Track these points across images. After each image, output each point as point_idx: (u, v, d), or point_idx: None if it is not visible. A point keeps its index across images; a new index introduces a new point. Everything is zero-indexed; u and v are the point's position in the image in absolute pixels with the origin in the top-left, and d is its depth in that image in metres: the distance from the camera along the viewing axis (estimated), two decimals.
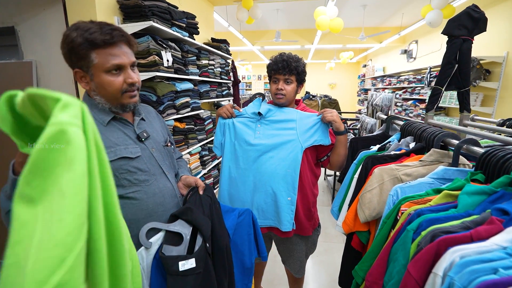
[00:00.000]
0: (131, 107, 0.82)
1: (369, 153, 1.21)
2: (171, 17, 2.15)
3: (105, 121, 0.79)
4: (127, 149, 0.80)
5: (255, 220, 1.03)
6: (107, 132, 0.79)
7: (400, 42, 6.71)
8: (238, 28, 5.68)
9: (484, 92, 3.58)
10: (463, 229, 0.54)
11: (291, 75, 1.23)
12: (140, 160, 0.82)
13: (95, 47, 0.71)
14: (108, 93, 0.76)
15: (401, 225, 0.67)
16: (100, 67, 0.73)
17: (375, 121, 2.58)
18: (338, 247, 2.51)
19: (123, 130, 0.83)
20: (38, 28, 2.03)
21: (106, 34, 0.71)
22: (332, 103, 6.25)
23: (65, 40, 0.71)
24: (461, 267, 0.47)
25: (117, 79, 0.76)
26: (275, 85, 1.26)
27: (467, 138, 0.81)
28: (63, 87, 2.06)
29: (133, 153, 0.81)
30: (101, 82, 0.74)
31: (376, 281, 0.67)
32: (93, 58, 0.72)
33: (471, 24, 1.27)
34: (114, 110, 0.80)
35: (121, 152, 0.78)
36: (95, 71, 0.73)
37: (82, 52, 0.71)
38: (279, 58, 1.24)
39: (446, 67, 1.35)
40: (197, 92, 2.76)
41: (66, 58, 0.74)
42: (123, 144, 0.80)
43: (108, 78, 0.74)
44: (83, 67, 0.73)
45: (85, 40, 0.70)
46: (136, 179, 0.80)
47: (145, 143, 0.86)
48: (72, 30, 0.71)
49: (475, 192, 0.59)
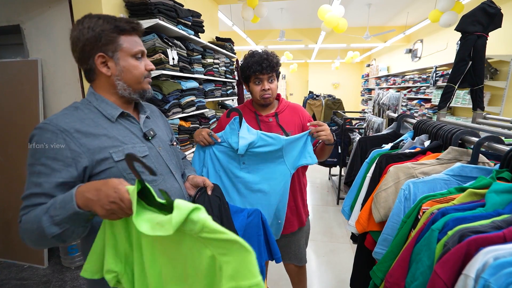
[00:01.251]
0: (149, 94, 0.84)
1: (381, 152, 1.18)
2: (177, 15, 2.14)
3: (114, 116, 0.77)
4: (134, 148, 0.78)
5: (265, 221, 1.00)
6: (113, 129, 0.77)
7: (404, 41, 6.67)
8: (242, 27, 5.67)
9: (492, 91, 3.54)
10: (494, 229, 0.51)
11: (273, 72, 1.20)
12: (148, 159, 0.80)
13: (123, 33, 0.75)
14: (133, 76, 0.78)
15: (423, 224, 0.65)
16: (128, 51, 0.76)
17: (382, 120, 2.55)
18: (344, 247, 2.49)
19: (129, 128, 0.81)
20: (43, 26, 2.03)
21: (132, 23, 0.77)
22: (336, 103, 6.22)
23: (89, 26, 0.72)
24: (496, 268, 0.45)
25: (141, 64, 0.79)
26: (259, 86, 1.20)
27: (488, 135, 0.79)
28: (68, 86, 2.05)
29: (141, 152, 0.79)
30: (128, 66, 0.77)
31: (397, 282, 0.65)
32: (121, 42, 0.75)
33: (486, 20, 1.24)
34: (133, 97, 0.81)
35: (129, 151, 0.76)
36: (122, 55, 0.76)
37: (111, 35, 0.73)
38: (258, 58, 1.17)
39: (459, 64, 1.32)
40: (202, 91, 2.75)
41: (89, 43, 0.73)
42: (131, 143, 0.78)
43: (135, 62, 0.78)
44: (109, 51, 0.74)
45: (115, 26, 0.74)
46: (144, 180, 0.77)
47: (151, 141, 0.84)
48: (94, 18, 0.73)
49: (504, 191, 0.57)
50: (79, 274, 2.02)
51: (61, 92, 2.11)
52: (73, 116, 0.73)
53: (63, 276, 2.05)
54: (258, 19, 3.49)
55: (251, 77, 1.21)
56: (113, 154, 0.73)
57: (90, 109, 0.76)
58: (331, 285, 2.02)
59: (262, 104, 1.24)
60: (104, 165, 0.72)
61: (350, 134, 3.26)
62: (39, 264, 2.15)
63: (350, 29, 6.39)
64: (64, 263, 2.14)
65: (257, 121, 1.27)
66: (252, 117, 1.28)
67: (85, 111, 0.75)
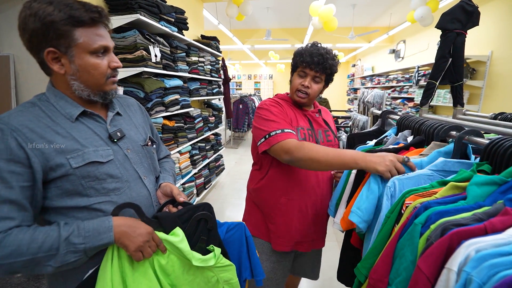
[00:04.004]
0: (113, 94, 0.73)
1: (366, 148, 1.18)
2: (159, 10, 2.08)
3: (72, 116, 0.67)
4: (96, 152, 0.68)
5: (248, 237, 0.89)
6: (73, 130, 0.67)
7: (388, 42, 6.83)
8: (228, 26, 5.62)
9: (470, 90, 3.67)
10: (476, 221, 0.51)
11: (323, 73, 1.07)
12: (112, 164, 0.70)
13: (80, 25, 0.62)
14: (92, 77, 0.67)
15: (406, 219, 0.64)
16: (86, 48, 0.64)
17: (367, 118, 2.59)
18: (332, 245, 2.50)
19: (92, 128, 0.70)
20: (15, 20, 1.91)
21: (93, 12, 0.63)
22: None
23: (36, 14, 0.59)
24: (478, 261, 0.44)
25: (103, 61, 0.67)
26: (301, 79, 1.08)
27: (468, 130, 0.79)
28: (44, 83, 1.92)
29: (104, 157, 0.69)
30: (85, 65, 0.65)
31: (381, 278, 0.64)
32: (77, 36, 0.63)
33: (464, 18, 1.27)
34: (92, 99, 0.70)
35: (89, 156, 0.66)
36: (77, 52, 0.64)
37: (63, 28, 0.61)
38: (315, 51, 1.04)
39: (440, 61, 1.34)
40: (186, 90, 2.69)
41: (36, 35, 0.61)
42: (92, 146, 0.68)
43: (94, 60, 0.66)
44: (61, 46, 0.62)
45: (69, 16, 0.61)
46: (104, 188, 0.69)
47: (118, 143, 0.74)
48: (43, 3, 0.60)
49: (484, 183, 0.57)
50: None
51: (36, 89, 1.99)
52: (29, 113, 0.63)
53: (39, 284, 1.94)
54: (243, 17, 3.46)
55: (298, 67, 1.09)
56: (71, 160, 0.64)
57: (47, 106, 0.67)
58: (319, 282, 2.02)
59: (296, 101, 1.12)
60: (59, 172, 0.63)
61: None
62: None
63: (335, 29, 6.48)
64: None
65: (305, 116, 1.15)
66: (299, 113, 1.14)
67: (42, 108, 0.66)
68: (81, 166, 0.65)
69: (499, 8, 3.37)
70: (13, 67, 1.96)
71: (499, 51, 3.35)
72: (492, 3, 3.47)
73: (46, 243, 0.58)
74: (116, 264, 0.65)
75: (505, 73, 3.23)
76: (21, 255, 0.56)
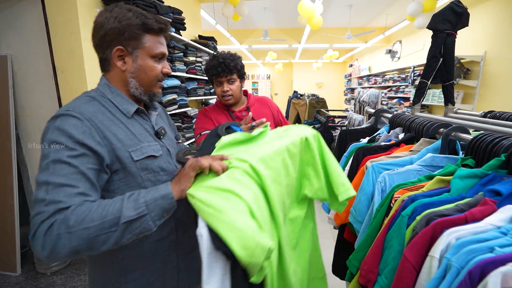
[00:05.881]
0: (158, 97, 0.80)
1: (359, 145, 1.21)
2: (157, 11, 2.10)
3: (130, 111, 0.73)
4: (150, 147, 0.73)
5: None
6: (130, 126, 0.72)
7: (384, 42, 6.88)
8: (225, 26, 5.64)
9: (465, 90, 3.72)
10: (458, 212, 0.54)
11: (232, 74, 1.25)
12: (162, 158, 0.77)
13: (149, 32, 0.72)
14: (147, 77, 0.74)
15: (395, 212, 0.67)
16: (149, 51, 0.73)
17: (363, 117, 2.62)
18: (328, 243, 2.52)
19: (143, 125, 0.77)
20: (13, 20, 1.92)
21: (161, 23, 0.73)
22: (319, 102, 6.32)
23: (117, 16, 0.69)
24: (457, 248, 0.47)
25: (158, 66, 0.76)
26: (220, 87, 1.28)
27: (455, 126, 0.83)
28: (42, 82, 1.95)
29: (156, 151, 0.75)
30: (145, 65, 0.73)
31: (371, 269, 0.67)
32: (145, 40, 0.72)
33: (454, 19, 1.30)
34: (142, 98, 0.76)
35: (146, 150, 0.72)
36: (141, 54, 0.72)
37: (136, 31, 0.70)
38: (216, 62, 1.23)
39: (431, 61, 1.37)
40: (184, 89, 2.71)
41: (111, 34, 0.69)
42: (146, 141, 0.74)
43: (152, 63, 0.74)
44: (129, 46, 0.71)
45: (143, 23, 0.70)
46: (159, 180, 0.74)
47: (162, 140, 0.80)
48: (124, 9, 0.70)
49: (467, 176, 0.59)
50: (56, 280, 1.94)
51: (34, 89, 2.01)
52: (93, 106, 0.68)
53: (38, 283, 1.95)
54: (239, 18, 3.48)
55: (213, 80, 1.29)
56: (132, 153, 0.69)
57: (106, 101, 0.71)
58: None
59: (226, 104, 1.30)
60: (122, 164, 0.68)
61: (332, 131, 3.32)
62: (11, 271, 2.04)
63: (332, 30, 6.52)
64: (39, 269, 2.04)
65: (231, 117, 1.32)
66: (226, 114, 1.34)
67: (101, 103, 0.70)
68: (141, 159, 0.70)
69: (492, 9, 3.42)
70: (10, 67, 1.97)
71: (492, 51, 3.40)
72: (485, 4, 3.53)
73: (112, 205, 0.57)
74: None
75: (498, 73, 3.28)
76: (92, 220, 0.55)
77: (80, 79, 1.76)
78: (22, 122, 2.09)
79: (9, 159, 1.97)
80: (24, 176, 2.20)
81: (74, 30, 1.70)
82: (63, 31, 1.72)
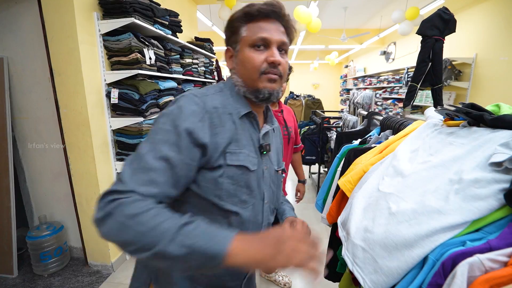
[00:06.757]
0: (265, 95, 0.64)
1: (351, 147, 1.25)
2: (154, 14, 2.12)
3: (240, 113, 0.64)
4: (248, 158, 0.64)
5: None
6: (238, 127, 0.64)
7: (379, 43, 6.97)
8: (222, 28, 5.67)
9: (456, 91, 3.80)
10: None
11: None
12: (254, 175, 0.66)
13: (249, 20, 0.63)
14: (246, 71, 0.64)
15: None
16: (247, 41, 0.63)
17: (357, 118, 2.67)
18: (324, 242, 2.57)
19: (250, 132, 0.67)
20: (9, 23, 1.93)
21: (264, 5, 0.62)
22: (315, 103, 6.38)
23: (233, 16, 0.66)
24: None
25: (259, 55, 0.62)
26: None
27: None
28: (38, 85, 1.97)
29: (252, 165, 0.64)
30: (243, 57, 0.64)
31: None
32: (243, 31, 0.64)
33: (442, 25, 1.35)
34: (248, 97, 0.66)
35: (244, 158, 0.63)
36: (241, 46, 0.64)
37: (236, 25, 0.64)
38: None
39: (420, 65, 1.42)
40: (181, 91, 2.73)
41: (226, 36, 0.67)
42: (247, 150, 0.64)
43: (250, 53, 0.63)
44: (233, 43, 0.66)
45: (243, 13, 0.63)
46: (237, 196, 0.63)
47: (263, 158, 0.69)
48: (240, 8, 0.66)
49: None
50: (53, 282, 1.94)
51: (31, 91, 2.02)
52: (218, 98, 0.63)
53: (35, 285, 1.96)
54: None
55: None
56: (227, 155, 0.60)
57: (232, 95, 0.66)
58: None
59: None
60: (216, 163, 0.60)
61: (328, 132, 3.37)
62: (8, 273, 2.04)
63: (327, 31, 6.58)
64: (36, 271, 2.04)
65: None
66: None
67: (227, 95, 0.66)
68: (233, 165, 0.61)
69: (483, 12, 3.50)
70: (7, 69, 1.98)
71: (483, 53, 3.48)
72: (476, 7, 3.61)
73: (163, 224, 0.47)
74: None
75: (489, 75, 3.36)
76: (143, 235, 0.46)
77: (77, 82, 1.78)
78: (18, 124, 2.10)
79: (6, 161, 1.98)
80: (20, 178, 2.21)
81: (71, 33, 1.71)
82: (60, 34, 1.73)
